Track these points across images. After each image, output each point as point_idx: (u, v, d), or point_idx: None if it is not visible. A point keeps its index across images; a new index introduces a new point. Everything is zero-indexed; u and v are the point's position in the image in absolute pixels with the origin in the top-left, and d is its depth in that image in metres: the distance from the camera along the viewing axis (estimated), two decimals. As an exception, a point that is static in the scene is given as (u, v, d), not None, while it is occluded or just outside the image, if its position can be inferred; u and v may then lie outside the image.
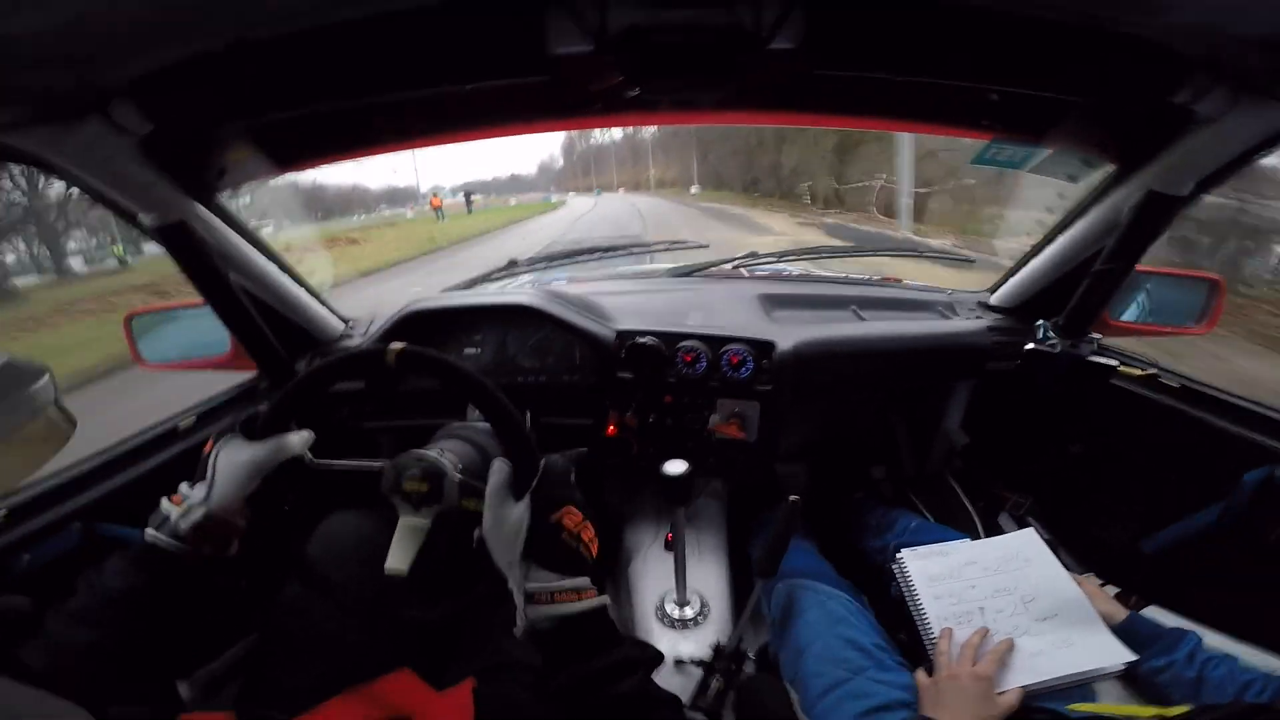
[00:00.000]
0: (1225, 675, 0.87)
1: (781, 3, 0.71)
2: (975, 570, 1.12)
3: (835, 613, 1.10)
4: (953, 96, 0.99)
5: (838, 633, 1.06)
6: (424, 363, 0.75)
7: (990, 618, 1.03)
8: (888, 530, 1.45)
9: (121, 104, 0.74)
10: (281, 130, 0.96)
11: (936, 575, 1.12)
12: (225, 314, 1.16)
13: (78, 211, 19.14)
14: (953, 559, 1.15)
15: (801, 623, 1.10)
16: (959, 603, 1.07)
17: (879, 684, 0.96)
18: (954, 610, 1.06)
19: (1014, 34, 0.71)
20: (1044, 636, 0.98)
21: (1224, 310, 1.35)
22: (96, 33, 0.63)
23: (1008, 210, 9.81)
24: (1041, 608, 1.03)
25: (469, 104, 1.01)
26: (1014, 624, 1.01)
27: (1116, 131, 1.01)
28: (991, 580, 1.09)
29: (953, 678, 0.92)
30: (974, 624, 1.01)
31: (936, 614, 1.06)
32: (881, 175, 14.68)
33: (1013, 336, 1.44)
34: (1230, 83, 0.76)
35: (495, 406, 0.73)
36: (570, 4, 0.73)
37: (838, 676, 0.98)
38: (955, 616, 1.04)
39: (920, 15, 0.71)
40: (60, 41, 0.62)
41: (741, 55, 0.78)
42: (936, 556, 1.16)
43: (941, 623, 1.03)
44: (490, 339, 1.49)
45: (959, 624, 1.02)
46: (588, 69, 0.82)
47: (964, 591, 1.08)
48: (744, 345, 1.36)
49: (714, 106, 1.11)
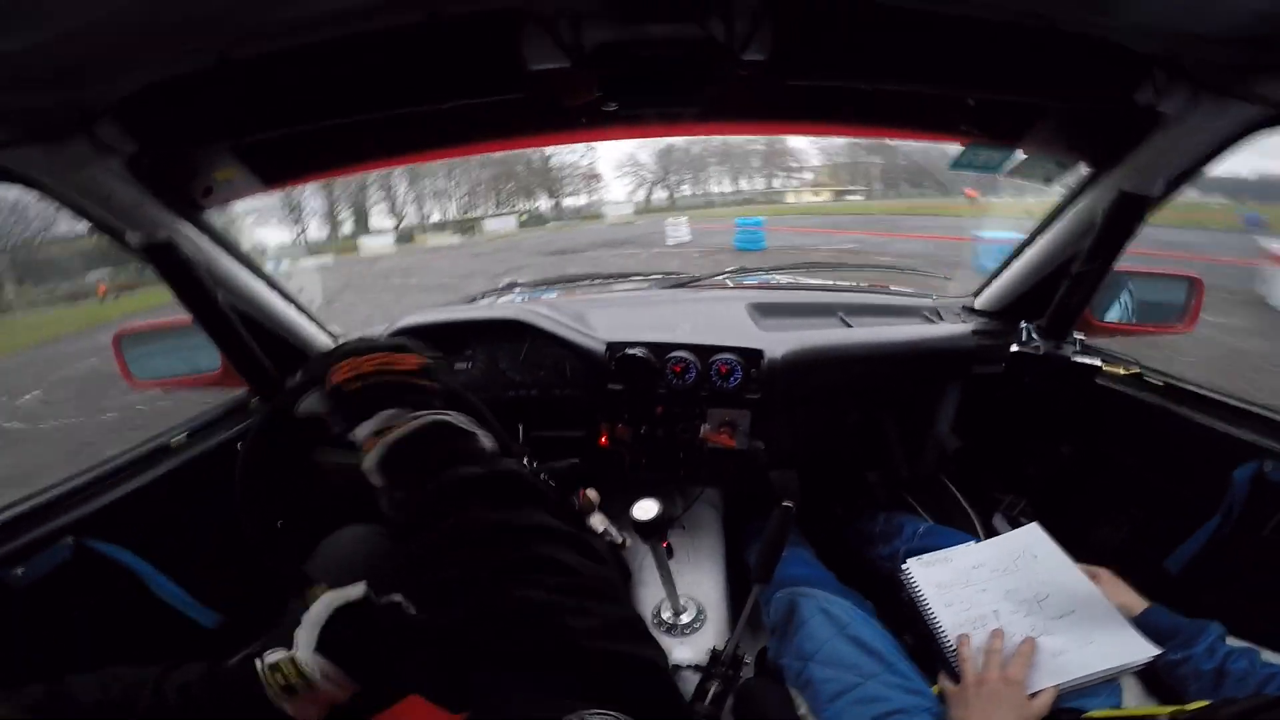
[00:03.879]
0: (1247, 668, 0.84)
1: (752, 16, 0.74)
2: (983, 573, 1.09)
3: (839, 617, 1.09)
4: (928, 102, 1.01)
5: (845, 636, 1.04)
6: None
7: (1006, 620, 0.99)
8: (895, 536, 1.44)
9: (107, 123, 0.75)
10: (267, 148, 0.98)
11: (945, 583, 1.09)
12: (214, 332, 1.16)
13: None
14: (958, 563, 1.12)
15: (805, 630, 1.09)
16: (971, 608, 1.04)
17: (892, 688, 0.94)
18: (967, 616, 1.02)
19: (974, 38, 0.73)
20: (1063, 635, 0.95)
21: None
22: (81, 53, 0.64)
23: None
24: (1056, 606, 1.00)
25: (450, 121, 1.03)
26: (1030, 625, 0.98)
27: (1087, 134, 1.03)
28: (1001, 582, 1.06)
29: (983, 684, 0.89)
30: (987, 628, 0.98)
31: (950, 622, 1.02)
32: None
33: (997, 339, 1.45)
34: (1189, 81, 0.78)
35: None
36: (546, 21, 0.75)
37: (848, 681, 0.96)
38: (970, 623, 1.01)
39: (886, 25, 0.73)
40: (45, 61, 0.63)
41: (714, 68, 0.81)
42: (941, 564, 1.13)
43: (956, 630, 1.00)
44: (481, 353, 1.50)
45: (975, 630, 0.99)
46: (565, 84, 0.84)
47: (975, 597, 1.05)
48: (732, 355, 1.37)
49: (693, 119, 1.13)
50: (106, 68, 0.69)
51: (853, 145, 33.27)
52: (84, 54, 0.65)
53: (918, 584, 1.11)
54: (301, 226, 28.77)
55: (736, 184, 42.12)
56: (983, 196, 11.96)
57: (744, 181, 42.15)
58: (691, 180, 41.54)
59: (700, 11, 0.74)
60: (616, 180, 40.59)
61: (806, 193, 38.97)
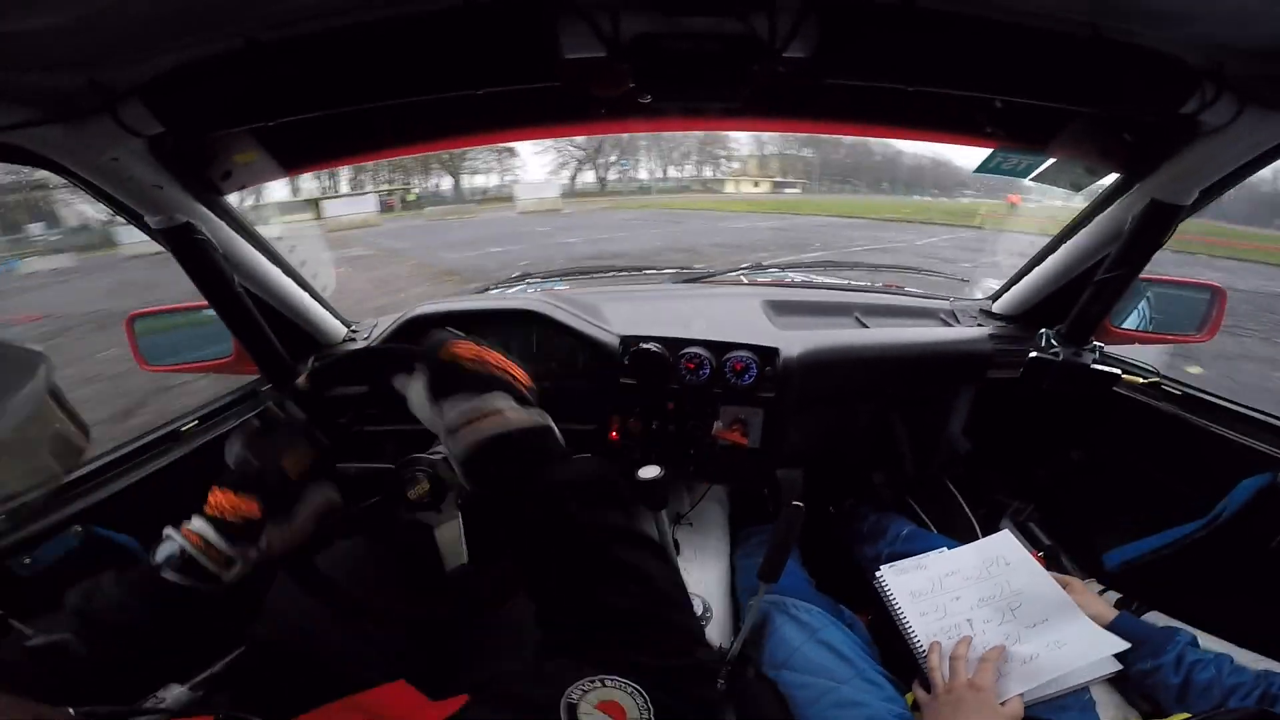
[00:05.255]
0: (1212, 678, 0.86)
1: (796, 12, 0.72)
2: (956, 581, 1.10)
3: (809, 623, 1.10)
4: (959, 105, 1.00)
5: (815, 641, 1.06)
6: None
7: (979, 629, 1.01)
8: (880, 537, 1.44)
9: (132, 105, 0.73)
10: (289, 132, 0.95)
11: (918, 591, 1.10)
12: (229, 317, 1.15)
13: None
14: (933, 570, 1.13)
15: (775, 637, 1.10)
16: (945, 616, 1.05)
17: (866, 693, 0.95)
18: (941, 625, 1.04)
19: (1028, 47, 0.71)
20: (1035, 642, 0.97)
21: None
22: (108, 33, 0.62)
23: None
24: (1030, 613, 1.01)
25: (478, 108, 1.01)
26: (1004, 632, 1.00)
27: (1121, 141, 1.01)
28: (975, 590, 1.08)
29: (950, 692, 0.90)
30: (963, 637, 1.00)
31: (923, 631, 1.04)
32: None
33: (1015, 344, 1.45)
34: (1236, 93, 0.76)
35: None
36: (583, 10, 0.73)
37: (822, 686, 0.97)
38: (943, 631, 1.03)
39: (934, 27, 0.71)
40: (71, 41, 0.61)
41: (753, 64, 0.79)
42: (915, 571, 1.14)
43: (929, 639, 1.02)
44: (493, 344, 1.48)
45: (948, 639, 1.01)
46: (599, 75, 0.82)
47: (948, 605, 1.07)
48: (748, 352, 1.36)
49: (721, 114, 1.11)
50: (133, 48, 0.67)
51: (785, 138, 31.45)
52: (110, 34, 0.63)
53: (891, 592, 1.11)
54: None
55: (666, 171, 39.61)
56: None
57: (674, 169, 39.66)
58: (619, 164, 38.18)
59: (743, 6, 0.72)
60: (535, 157, 34.63)
61: (746, 183, 37.71)
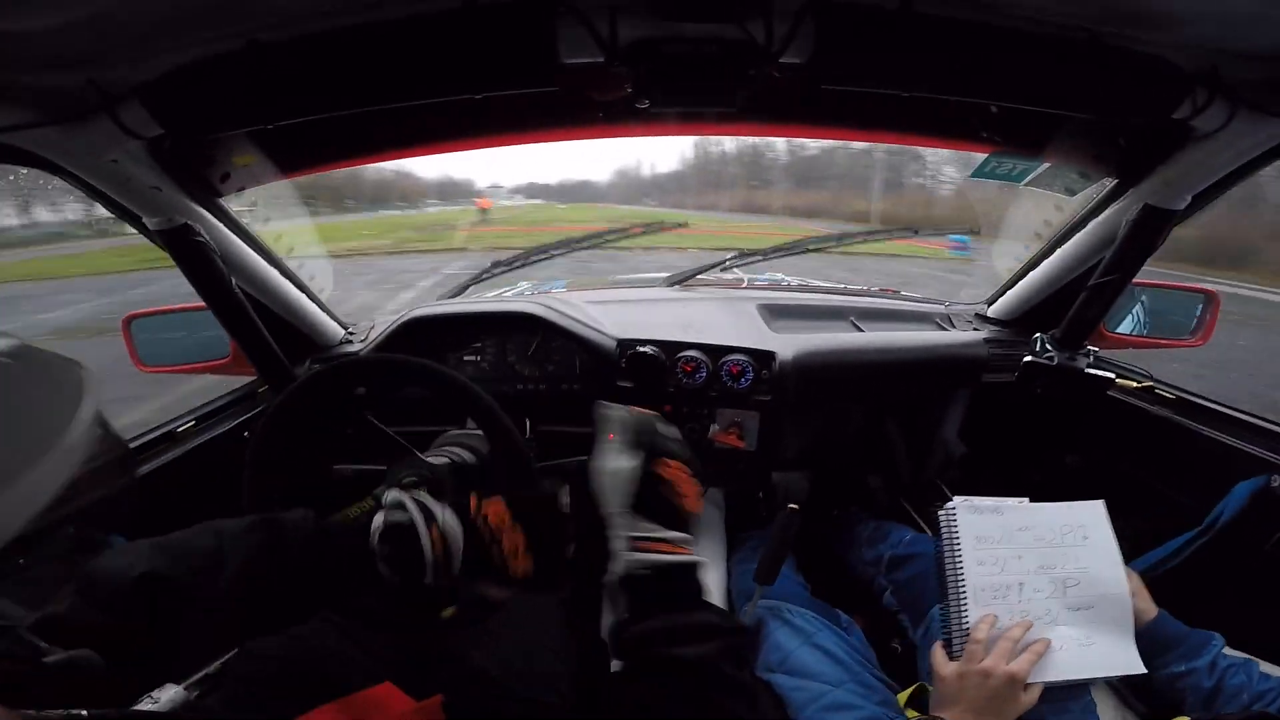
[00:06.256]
0: (1242, 683, 0.85)
1: (793, 17, 0.72)
2: (1027, 538, 1.00)
3: (803, 628, 1.10)
4: (954, 110, 1.00)
5: (810, 645, 1.05)
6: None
7: (1026, 595, 0.95)
8: (881, 541, 1.44)
9: (131, 106, 0.73)
10: (287, 135, 0.96)
11: (985, 536, 1.00)
12: (227, 318, 1.15)
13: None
14: (1008, 519, 1.02)
15: (770, 641, 1.09)
16: (1001, 573, 0.97)
17: (861, 696, 0.94)
18: (992, 581, 0.96)
19: (1023, 52, 0.72)
20: (1069, 629, 0.92)
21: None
22: (108, 33, 0.63)
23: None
24: (1079, 596, 0.95)
25: (476, 112, 1.01)
26: (1046, 607, 0.94)
27: (1115, 146, 1.02)
28: (1039, 554, 0.98)
29: (985, 674, 0.86)
30: (1007, 600, 0.94)
31: (974, 582, 0.96)
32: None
33: (1010, 349, 1.45)
34: (1229, 97, 0.77)
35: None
36: (582, 14, 0.73)
37: (815, 689, 0.97)
38: (991, 589, 0.95)
39: (930, 32, 0.72)
40: (70, 41, 0.61)
41: (751, 69, 0.79)
42: (990, 514, 1.02)
43: (978, 592, 0.95)
44: (490, 346, 1.49)
45: (994, 597, 0.94)
46: (596, 79, 0.82)
47: (1009, 561, 0.98)
48: (744, 355, 1.37)
49: (719, 119, 1.12)
50: (132, 49, 0.67)
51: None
52: (110, 35, 0.63)
53: (958, 529, 1.01)
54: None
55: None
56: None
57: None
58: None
59: (741, 11, 0.73)
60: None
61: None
